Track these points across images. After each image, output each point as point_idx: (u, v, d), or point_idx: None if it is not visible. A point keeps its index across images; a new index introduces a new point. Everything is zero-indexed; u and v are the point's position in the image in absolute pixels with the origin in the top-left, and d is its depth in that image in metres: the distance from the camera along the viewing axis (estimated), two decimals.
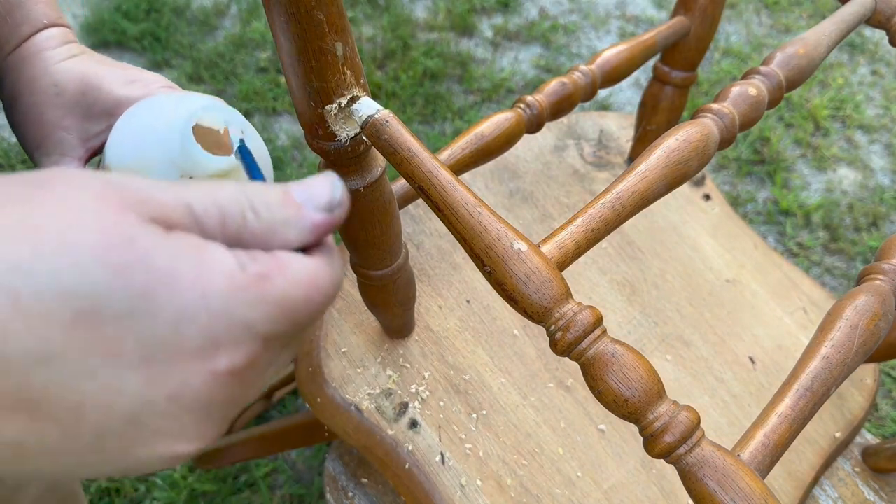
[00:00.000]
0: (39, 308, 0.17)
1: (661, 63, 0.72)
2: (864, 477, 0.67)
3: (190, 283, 0.19)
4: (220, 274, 0.20)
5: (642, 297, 0.71)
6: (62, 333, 0.18)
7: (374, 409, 0.60)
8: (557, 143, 0.80)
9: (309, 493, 1.06)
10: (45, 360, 0.18)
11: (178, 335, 0.19)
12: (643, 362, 0.35)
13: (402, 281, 0.53)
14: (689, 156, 0.39)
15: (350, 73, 0.37)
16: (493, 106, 1.63)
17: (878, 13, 0.54)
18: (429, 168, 0.36)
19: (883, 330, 0.40)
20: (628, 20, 1.89)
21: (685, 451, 0.34)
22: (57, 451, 0.19)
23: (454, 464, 0.58)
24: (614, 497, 0.59)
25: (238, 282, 0.20)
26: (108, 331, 0.18)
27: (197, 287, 0.19)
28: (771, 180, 1.56)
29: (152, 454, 0.20)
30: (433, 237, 0.69)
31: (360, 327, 0.64)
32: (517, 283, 0.34)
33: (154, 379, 0.19)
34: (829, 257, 1.44)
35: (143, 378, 0.19)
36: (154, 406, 0.19)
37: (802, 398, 0.38)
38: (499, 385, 0.63)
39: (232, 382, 0.20)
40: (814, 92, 1.76)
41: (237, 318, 0.20)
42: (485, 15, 1.86)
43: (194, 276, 0.19)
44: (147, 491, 1.04)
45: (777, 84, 0.46)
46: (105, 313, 0.18)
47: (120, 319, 0.18)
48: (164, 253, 0.19)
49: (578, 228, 0.37)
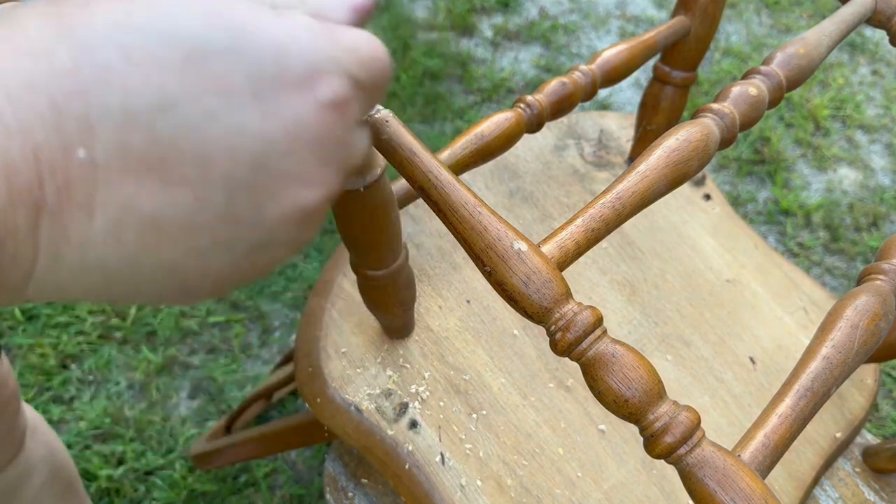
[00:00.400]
0: (150, 58, 0.18)
1: (661, 63, 0.72)
2: (864, 477, 0.66)
3: (279, 24, 0.20)
4: (300, 21, 0.21)
5: (642, 297, 0.71)
6: (175, 77, 0.18)
7: (374, 410, 0.60)
8: (557, 143, 0.80)
9: (309, 493, 1.06)
10: (166, 107, 0.18)
11: (280, 66, 0.20)
12: (643, 362, 0.34)
13: (402, 281, 0.53)
14: (689, 156, 0.39)
15: None
16: (493, 106, 1.63)
17: (878, 13, 0.54)
18: (429, 168, 0.36)
19: (883, 330, 0.40)
20: (628, 20, 1.89)
21: (685, 451, 0.34)
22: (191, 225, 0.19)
23: (454, 464, 0.58)
24: (614, 497, 0.59)
25: (316, 28, 0.21)
26: (216, 67, 0.19)
27: (285, 27, 0.20)
28: (771, 180, 1.56)
29: (283, 210, 0.21)
30: (433, 237, 0.69)
31: (360, 327, 0.63)
32: (517, 284, 0.34)
33: (268, 113, 0.20)
34: (830, 257, 1.44)
35: (258, 114, 0.19)
36: (275, 145, 0.20)
37: (803, 398, 0.38)
38: (499, 385, 0.63)
39: (336, 117, 0.21)
40: (814, 92, 1.76)
41: (325, 53, 0.21)
42: (485, 15, 1.86)
43: (280, 20, 0.21)
44: (147, 491, 1.04)
45: (777, 84, 0.46)
46: (209, 50, 0.19)
47: (224, 55, 0.19)
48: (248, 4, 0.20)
49: (578, 228, 0.37)
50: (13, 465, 0.63)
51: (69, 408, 1.11)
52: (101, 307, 1.20)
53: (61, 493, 0.72)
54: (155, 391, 1.13)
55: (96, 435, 1.08)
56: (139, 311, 1.21)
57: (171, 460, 1.07)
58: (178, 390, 1.15)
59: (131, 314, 1.20)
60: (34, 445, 0.66)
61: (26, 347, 1.15)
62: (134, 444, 1.08)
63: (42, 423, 0.70)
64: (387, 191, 0.45)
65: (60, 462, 0.71)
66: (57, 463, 0.70)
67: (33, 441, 0.66)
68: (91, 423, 1.09)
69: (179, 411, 1.12)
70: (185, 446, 1.08)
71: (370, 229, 0.46)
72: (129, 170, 0.18)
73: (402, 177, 0.39)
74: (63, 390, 1.12)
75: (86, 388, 1.13)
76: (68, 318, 1.18)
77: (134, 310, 1.20)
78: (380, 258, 0.49)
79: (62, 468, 0.71)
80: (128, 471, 1.05)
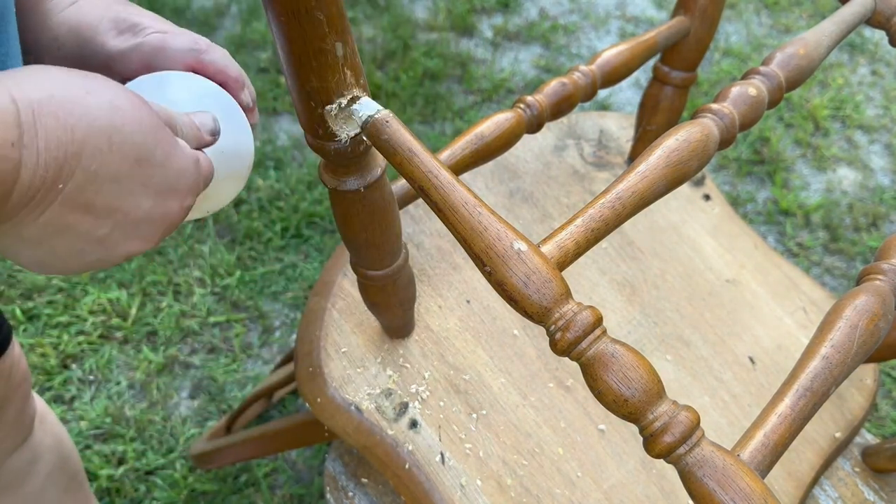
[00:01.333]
0: (119, 151, 0.31)
1: (661, 63, 0.72)
2: (864, 477, 0.67)
3: (183, 155, 0.35)
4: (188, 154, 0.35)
5: (642, 297, 0.71)
6: (130, 167, 0.31)
7: (374, 409, 0.60)
8: (557, 143, 0.80)
9: (309, 493, 1.06)
10: (116, 180, 0.31)
11: (177, 182, 0.34)
12: (643, 362, 0.35)
13: (402, 281, 0.53)
14: (689, 156, 0.39)
15: (350, 73, 0.37)
16: (493, 106, 1.63)
17: (878, 13, 0.54)
18: (429, 168, 0.36)
19: (883, 330, 0.40)
20: (628, 20, 1.89)
21: (685, 450, 0.34)
22: (99, 238, 0.32)
23: (454, 464, 0.58)
24: (614, 497, 0.59)
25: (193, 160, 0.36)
26: (150, 171, 0.32)
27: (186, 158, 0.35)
28: (771, 180, 1.56)
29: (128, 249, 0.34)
30: (433, 237, 0.69)
31: (360, 327, 0.64)
32: (517, 283, 0.34)
33: (158, 204, 0.34)
34: (829, 257, 1.44)
35: (153, 202, 0.33)
36: (150, 221, 0.34)
37: (802, 398, 0.38)
38: (499, 385, 0.63)
39: (183, 215, 0.36)
40: (814, 92, 1.76)
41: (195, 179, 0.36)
42: (485, 15, 1.86)
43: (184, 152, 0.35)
44: (147, 491, 1.04)
45: (777, 84, 0.46)
46: (151, 160, 0.32)
47: (156, 166, 0.33)
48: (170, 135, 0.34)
49: (578, 228, 0.37)
50: (22, 449, 0.65)
51: (70, 407, 1.11)
52: (103, 307, 1.20)
53: (66, 485, 0.73)
54: (155, 391, 1.13)
55: (97, 435, 1.09)
56: (140, 310, 1.21)
57: (172, 460, 1.07)
58: (178, 390, 1.15)
59: (132, 314, 1.20)
60: (42, 433, 0.68)
61: (27, 347, 1.15)
62: (134, 444, 1.08)
63: (50, 414, 0.71)
64: (387, 191, 0.45)
65: (67, 452, 0.73)
66: (64, 453, 0.72)
67: (42, 429, 0.68)
68: (92, 423, 1.09)
69: (180, 411, 1.13)
70: (186, 446, 1.09)
71: (370, 229, 0.46)
72: (76, 206, 0.31)
73: (402, 177, 0.39)
74: (64, 390, 1.12)
75: (86, 387, 1.13)
76: (69, 318, 1.19)
77: (135, 310, 1.20)
78: (380, 258, 0.50)
79: (68, 458, 0.73)
80: (128, 470, 1.05)
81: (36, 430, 0.67)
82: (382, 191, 0.44)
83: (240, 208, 1.37)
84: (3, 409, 0.60)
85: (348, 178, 0.42)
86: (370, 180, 0.42)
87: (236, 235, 1.33)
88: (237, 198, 1.37)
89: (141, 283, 1.24)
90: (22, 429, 0.64)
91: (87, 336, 1.17)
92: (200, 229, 1.34)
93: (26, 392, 0.63)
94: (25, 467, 0.66)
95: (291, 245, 1.33)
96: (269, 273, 1.29)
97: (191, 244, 1.30)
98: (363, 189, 0.43)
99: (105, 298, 1.21)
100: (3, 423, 0.61)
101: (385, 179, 0.44)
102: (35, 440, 0.67)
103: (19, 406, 0.62)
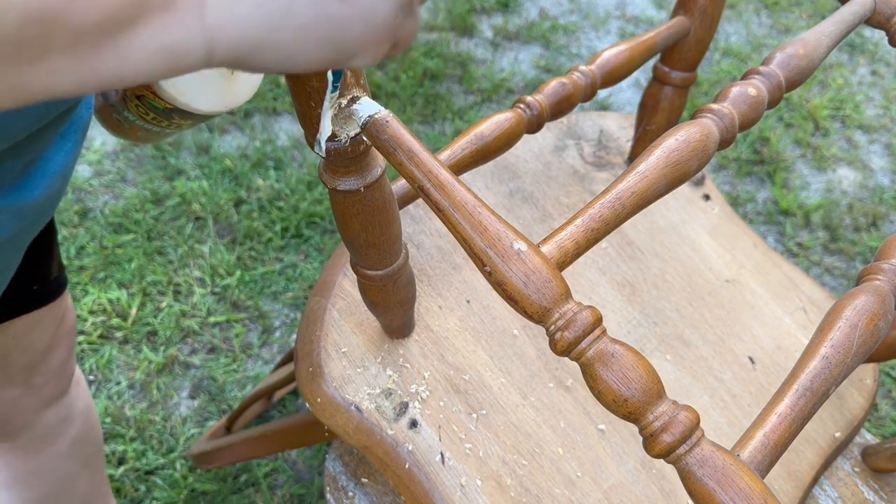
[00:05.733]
0: None
1: (660, 63, 0.72)
2: (863, 477, 0.67)
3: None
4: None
5: (642, 297, 0.71)
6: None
7: (374, 409, 0.60)
8: (557, 143, 0.80)
9: (309, 493, 1.06)
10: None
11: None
12: (643, 362, 0.35)
13: (402, 281, 0.53)
14: (688, 156, 0.39)
15: (350, 74, 0.37)
16: (493, 106, 1.64)
17: (878, 13, 0.54)
18: (429, 168, 0.36)
19: (882, 330, 0.40)
20: (628, 20, 1.89)
21: (685, 450, 0.34)
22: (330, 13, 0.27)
23: (454, 463, 0.58)
24: (614, 497, 0.59)
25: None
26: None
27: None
28: (771, 180, 1.56)
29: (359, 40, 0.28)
30: (433, 237, 0.69)
31: (360, 327, 0.64)
32: (517, 283, 0.34)
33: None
34: (829, 257, 1.44)
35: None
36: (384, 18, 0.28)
37: (802, 398, 0.38)
38: (499, 385, 0.63)
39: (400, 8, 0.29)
40: (814, 92, 1.76)
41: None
42: (485, 15, 1.87)
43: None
44: (147, 491, 1.04)
45: (777, 84, 0.46)
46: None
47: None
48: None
49: (578, 228, 0.37)
50: (59, 405, 0.69)
51: None
52: (103, 307, 1.20)
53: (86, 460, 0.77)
54: (155, 391, 1.13)
55: None
56: (140, 310, 1.21)
57: (172, 460, 1.07)
58: (178, 390, 1.15)
59: (132, 314, 1.20)
60: (76, 395, 0.71)
61: None
62: (134, 444, 1.08)
63: (83, 381, 0.75)
64: (387, 191, 0.45)
65: (93, 422, 0.76)
66: (91, 421, 0.75)
67: (76, 391, 0.71)
68: None
69: (180, 411, 1.13)
70: (186, 446, 1.09)
71: (370, 229, 0.46)
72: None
73: (402, 177, 0.39)
74: None
75: None
76: None
77: (135, 310, 1.20)
78: (380, 258, 0.50)
79: (93, 429, 0.76)
80: (128, 470, 1.05)
81: (71, 390, 0.70)
82: (382, 191, 0.44)
83: (240, 208, 1.37)
84: (51, 353, 0.63)
85: (348, 178, 0.42)
86: (370, 180, 0.42)
87: (236, 235, 1.33)
88: (237, 198, 1.37)
89: (141, 283, 1.24)
90: (62, 380, 0.67)
91: (87, 336, 1.17)
92: (201, 229, 1.34)
93: (71, 343, 0.66)
94: (58, 425, 0.69)
95: (291, 245, 1.33)
96: (269, 273, 1.29)
97: (191, 244, 1.30)
98: (363, 189, 0.43)
99: (105, 298, 1.21)
100: (48, 367, 0.63)
101: (385, 179, 0.44)
102: (70, 398, 0.70)
103: (64, 355, 0.65)
